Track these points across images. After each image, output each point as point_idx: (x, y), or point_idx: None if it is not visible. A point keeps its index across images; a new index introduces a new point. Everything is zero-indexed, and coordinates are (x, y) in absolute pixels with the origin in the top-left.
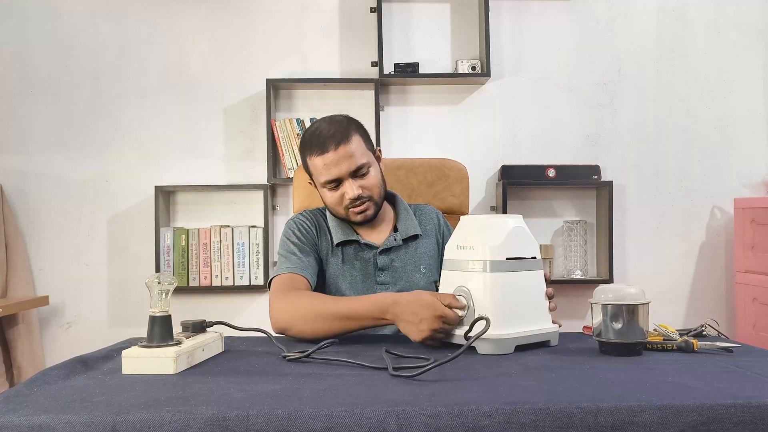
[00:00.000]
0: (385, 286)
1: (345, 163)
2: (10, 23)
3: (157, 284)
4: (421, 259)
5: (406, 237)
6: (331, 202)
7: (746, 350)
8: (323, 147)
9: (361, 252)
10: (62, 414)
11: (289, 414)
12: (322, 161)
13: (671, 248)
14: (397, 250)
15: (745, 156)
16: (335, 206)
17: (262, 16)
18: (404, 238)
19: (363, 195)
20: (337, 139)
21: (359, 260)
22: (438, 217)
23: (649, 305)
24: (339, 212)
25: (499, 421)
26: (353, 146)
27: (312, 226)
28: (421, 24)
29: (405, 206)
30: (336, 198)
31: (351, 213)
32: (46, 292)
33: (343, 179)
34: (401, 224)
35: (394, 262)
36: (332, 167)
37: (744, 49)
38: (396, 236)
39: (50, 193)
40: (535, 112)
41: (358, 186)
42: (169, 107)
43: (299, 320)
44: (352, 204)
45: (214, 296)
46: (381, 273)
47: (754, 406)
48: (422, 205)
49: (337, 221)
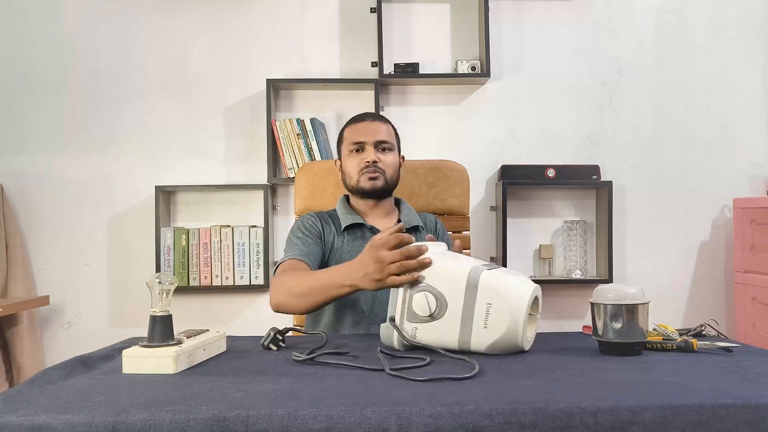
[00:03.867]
0: None
1: (373, 134)
2: (11, 23)
3: (157, 284)
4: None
5: (409, 227)
6: (350, 167)
7: (746, 350)
8: (361, 117)
9: (367, 235)
10: (62, 414)
11: (289, 414)
12: (355, 127)
13: (671, 248)
14: None
15: (744, 156)
16: (352, 170)
17: (263, 17)
18: (407, 228)
19: (379, 165)
20: (373, 117)
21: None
22: (436, 221)
23: (649, 305)
24: (353, 177)
25: (498, 421)
26: (383, 127)
27: (317, 221)
28: (421, 24)
29: (409, 206)
30: (356, 162)
31: (363, 178)
32: (46, 292)
33: (366, 146)
34: (404, 216)
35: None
36: (361, 133)
37: (744, 49)
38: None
39: (50, 193)
40: (535, 112)
41: (377, 156)
42: (169, 107)
43: (290, 298)
44: (366, 168)
45: (215, 296)
46: None
47: (753, 405)
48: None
49: (346, 210)
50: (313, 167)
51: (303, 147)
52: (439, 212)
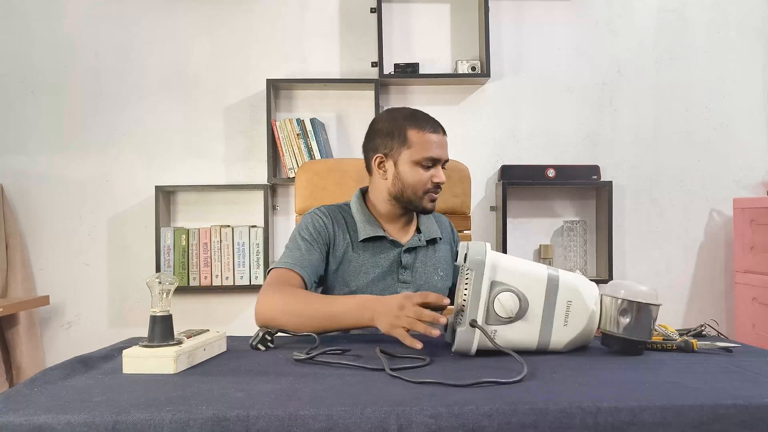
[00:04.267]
0: (406, 285)
1: (445, 150)
2: (11, 23)
3: (158, 284)
4: (439, 262)
5: (429, 239)
6: (415, 181)
7: (746, 350)
8: (436, 127)
9: (386, 249)
10: (62, 414)
11: (289, 414)
12: (432, 138)
13: (671, 248)
14: (420, 251)
15: (744, 156)
16: (418, 185)
17: (263, 17)
18: (427, 239)
19: (442, 186)
20: (443, 129)
21: (384, 257)
22: (450, 225)
23: (659, 308)
24: (416, 192)
25: (499, 421)
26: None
27: (329, 222)
28: (421, 24)
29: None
30: (424, 178)
31: (426, 198)
32: (46, 292)
33: (439, 163)
34: (424, 226)
35: (416, 262)
36: (439, 148)
37: (744, 49)
38: (420, 237)
39: (50, 193)
40: (534, 112)
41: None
42: (169, 107)
43: (284, 315)
44: (434, 188)
45: (215, 296)
46: (403, 271)
47: (754, 405)
48: (437, 213)
49: (365, 216)
50: (313, 166)
51: (303, 147)
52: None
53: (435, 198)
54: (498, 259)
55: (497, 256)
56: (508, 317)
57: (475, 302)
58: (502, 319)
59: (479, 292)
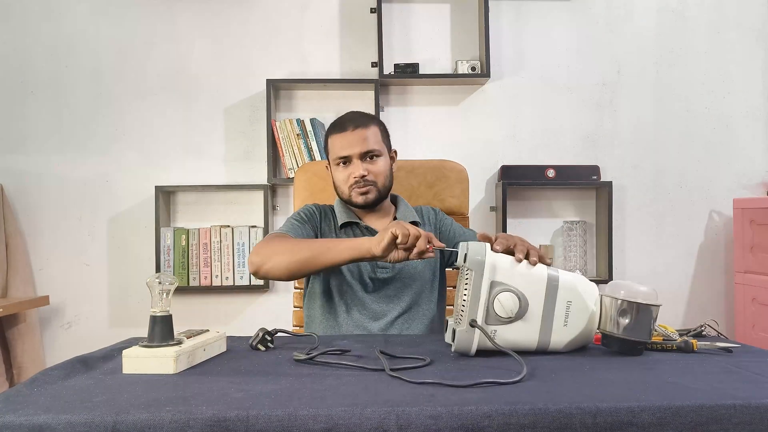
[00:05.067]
0: (386, 270)
1: (358, 144)
2: (11, 24)
3: (158, 284)
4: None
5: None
6: (339, 180)
7: (746, 350)
8: (343, 127)
9: (362, 234)
10: (62, 414)
11: (289, 414)
12: (339, 139)
13: (671, 248)
14: None
15: (744, 156)
16: (342, 184)
17: (263, 17)
18: None
19: (368, 178)
20: (356, 123)
21: None
22: (436, 212)
23: (659, 308)
24: (344, 191)
25: (498, 421)
26: (369, 133)
27: (317, 211)
28: (421, 24)
29: (405, 203)
30: (343, 176)
31: (353, 193)
32: (46, 292)
33: (353, 158)
34: (400, 214)
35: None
36: (346, 145)
37: (744, 49)
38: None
39: (50, 193)
40: (534, 112)
41: (365, 168)
42: (169, 107)
43: (275, 255)
44: (356, 183)
45: (214, 296)
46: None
47: (753, 406)
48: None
49: (342, 206)
50: (313, 167)
51: (303, 147)
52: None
53: (364, 191)
54: (498, 259)
55: (497, 257)
56: (507, 317)
57: (475, 302)
58: (502, 319)
59: (479, 292)
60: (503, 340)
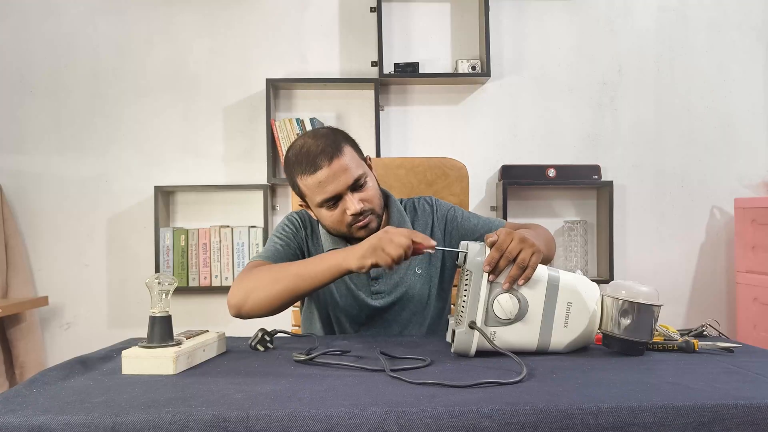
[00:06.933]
0: (380, 296)
1: (342, 177)
2: (10, 23)
3: (157, 284)
4: (414, 260)
5: None
6: (331, 222)
7: (747, 350)
8: (315, 164)
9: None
10: (62, 415)
11: (289, 415)
12: (316, 180)
13: (672, 248)
14: None
15: (745, 156)
16: (336, 225)
17: (262, 16)
18: None
19: (365, 208)
20: (329, 154)
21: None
22: (433, 207)
23: (660, 308)
24: (341, 231)
25: (499, 422)
26: (347, 158)
27: (303, 228)
28: (421, 24)
29: (398, 208)
30: (336, 216)
31: (354, 230)
32: (46, 293)
33: (342, 195)
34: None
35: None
36: (328, 184)
37: (744, 48)
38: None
39: (50, 193)
40: (535, 112)
41: (359, 200)
42: (168, 107)
43: (254, 290)
44: (354, 220)
45: (214, 296)
46: (375, 282)
47: (755, 406)
48: (416, 199)
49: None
50: None
51: None
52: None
53: (365, 223)
54: None
55: None
56: (507, 319)
57: (474, 304)
58: (502, 320)
59: (478, 294)
60: (503, 342)
